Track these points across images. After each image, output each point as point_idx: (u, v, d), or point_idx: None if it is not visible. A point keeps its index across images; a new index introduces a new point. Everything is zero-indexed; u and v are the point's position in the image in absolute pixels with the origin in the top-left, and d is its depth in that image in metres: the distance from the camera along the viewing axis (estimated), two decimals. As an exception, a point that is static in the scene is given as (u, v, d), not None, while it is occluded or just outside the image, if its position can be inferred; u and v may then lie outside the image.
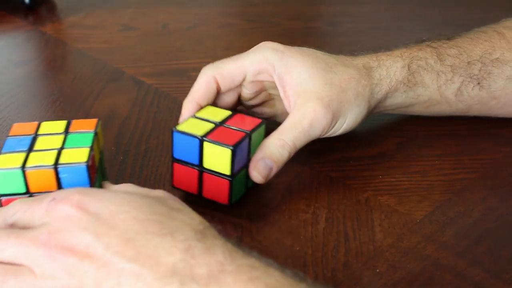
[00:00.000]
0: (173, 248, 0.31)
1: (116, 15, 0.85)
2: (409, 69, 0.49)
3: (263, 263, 0.31)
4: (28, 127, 0.42)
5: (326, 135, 0.47)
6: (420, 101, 0.51)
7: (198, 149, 0.42)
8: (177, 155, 0.43)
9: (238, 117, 0.45)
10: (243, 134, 0.42)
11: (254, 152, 0.44)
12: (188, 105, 0.47)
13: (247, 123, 0.44)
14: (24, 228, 0.34)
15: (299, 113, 0.45)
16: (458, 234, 0.42)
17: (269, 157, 0.43)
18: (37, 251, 0.31)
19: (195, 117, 0.45)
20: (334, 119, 0.46)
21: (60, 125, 0.43)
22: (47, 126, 0.42)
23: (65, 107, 0.60)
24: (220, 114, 0.45)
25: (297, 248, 0.41)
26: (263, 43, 0.48)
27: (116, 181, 0.48)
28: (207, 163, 0.42)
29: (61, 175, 0.39)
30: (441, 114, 0.53)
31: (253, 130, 0.43)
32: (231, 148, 0.41)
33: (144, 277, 0.30)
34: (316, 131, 0.45)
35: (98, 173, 0.42)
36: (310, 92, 0.45)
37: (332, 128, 0.46)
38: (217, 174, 0.42)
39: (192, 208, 0.36)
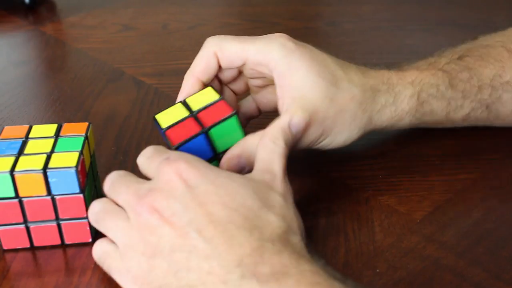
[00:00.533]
0: (246, 243, 0.33)
1: (116, 15, 0.85)
2: (418, 99, 0.46)
3: (327, 271, 0.32)
4: (18, 130, 0.42)
5: (313, 148, 0.46)
6: (423, 125, 0.49)
7: (207, 144, 0.43)
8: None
9: (217, 106, 0.43)
10: (196, 131, 0.42)
11: (222, 142, 0.43)
12: (187, 79, 0.46)
13: (217, 114, 0.43)
14: (144, 172, 0.39)
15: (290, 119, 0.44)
16: (458, 234, 0.42)
17: (246, 156, 0.42)
18: (134, 203, 0.36)
19: (183, 102, 0.45)
20: (323, 135, 0.45)
21: (51, 128, 0.43)
22: (38, 130, 0.42)
23: (65, 107, 0.60)
24: (205, 99, 0.44)
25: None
26: (274, 34, 0.46)
27: (116, 181, 0.48)
28: (221, 147, 0.43)
29: (50, 180, 0.39)
30: (444, 128, 0.52)
31: (213, 125, 0.42)
32: (173, 148, 0.41)
33: (211, 260, 0.32)
34: (303, 144, 0.44)
35: (89, 177, 0.42)
36: (307, 101, 0.43)
37: (319, 143, 0.45)
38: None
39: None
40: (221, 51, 0.46)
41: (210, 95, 0.45)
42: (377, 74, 0.46)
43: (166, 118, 0.44)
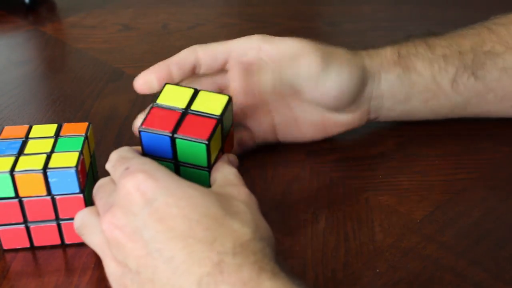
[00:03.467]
0: (206, 260, 0.31)
1: (116, 15, 0.85)
2: (399, 54, 0.49)
3: (289, 285, 0.31)
4: (18, 130, 0.42)
5: (320, 91, 0.46)
6: (416, 92, 0.49)
7: (170, 145, 0.40)
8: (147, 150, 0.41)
9: (207, 121, 0.41)
10: (169, 129, 0.40)
11: (185, 155, 0.41)
12: (158, 67, 0.46)
13: (197, 129, 0.40)
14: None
15: (290, 45, 0.46)
16: (458, 234, 0.42)
17: (180, 66, 0.44)
18: (100, 219, 0.35)
19: (195, 90, 0.42)
20: (325, 65, 0.45)
21: (51, 128, 0.43)
22: (38, 130, 0.42)
23: (65, 107, 0.60)
24: (212, 106, 0.42)
25: (297, 248, 0.41)
26: (254, 34, 0.48)
27: (116, 181, 0.48)
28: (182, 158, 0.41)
29: (50, 180, 0.39)
30: (440, 111, 0.52)
31: (182, 138, 0.40)
32: (139, 129, 0.40)
33: (172, 282, 0.31)
34: (307, 74, 0.45)
35: (89, 177, 0.42)
36: (299, 48, 0.46)
37: (325, 79, 0.46)
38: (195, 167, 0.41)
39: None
40: (204, 49, 0.46)
41: (218, 104, 0.41)
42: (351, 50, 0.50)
43: (169, 94, 0.42)
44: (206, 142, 0.39)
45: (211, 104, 0.42)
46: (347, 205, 0.45)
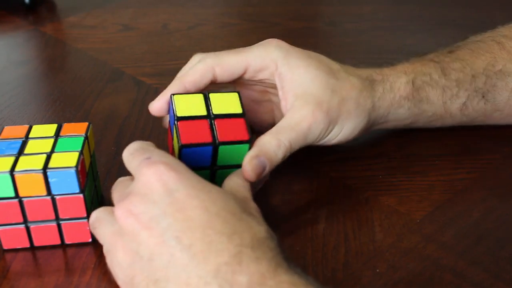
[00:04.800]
0: (224, 250, 0.32)
1: (116, 15, 0.85)
2: (413, 85, 0.48)
3: (304, 280, 0.31)
4: (18, 130, 0.42)
5: (321, 142, 0.46)
6: (423, 117, 0.49)
7: (211, 154, 0.42)
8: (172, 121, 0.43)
9: (237, 122, 0.42)
10: (208, 140, 0.41)
11: (225, 158, 0.42)
12: (175, 85, 0.45)
13: (234, 132, 0.42)
14: (127, 168, 0.38)
15: (298, 115, 0.44)
16: (458, 234, 0.42)
17: (264, 155, 0.42)
18: (116, 207, 0.35)
19: (205, 95, 0.43)
20: (330, 126, 0.45)
21: (51, 128, 0.43)
22: (38, 130, 0.42)
23: (65, 107, 0.60)
24: (229, 106, 0.43)
25: (297, 248, 0.41)
26: (268, 40, 0.47)
27: (116, 181, 0.48)
28: (222, 161, 0.42)
29: (50, 180, 0.39)
30: (441, 126, 0.52)
31: (226, 143, 0.41)
32: (180, 145, 0.40)
33: (189, 270, 0.32)
34: (313, 136, 0.44)
35: (89, 177, 0.42)
36: (310, 95, 0.44)
37: (327, 135, 0.45)
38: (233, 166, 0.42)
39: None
40: (221, 65, 0.45)
41: (234, 103, 0.43)
42: (368, 69, 0.48)
43: (183, 105, 0.42)
44: (249, 141, 0.41)
45: (227, 104, 0.43)
46: (347, 205, 0.45)
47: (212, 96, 0.43)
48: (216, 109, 0.42)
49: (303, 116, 0.44)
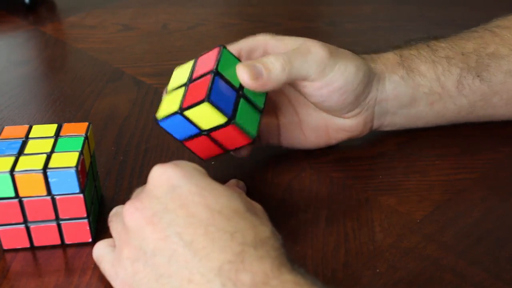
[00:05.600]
0: (227, 248, 0.32)
1: (116, 15, 0.85)
2: (401, 57, 0.49)
3: (308, 280, 0.31)
4: (18, 130, 0.42)
5: (325, 80, 0.44)
6: (421, 94, 0.49)
7: (187, 122, 0.41)
8: (179, 136, 0.43)
9: (200, 61, 0.44)
10: (209, 77, 0.41)
11: (234, 76, 0.42)
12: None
13: (209, 61, 0.43)
14: None
15: (299, 41, 0.45)
16: (458, 234, 0.42)
17: (262, 64, 0.42)
18: (126, 204, 0.36)
19: (167, 93, 0.44)
20: (332, 58, 0.44)
21: (51, 128, 0.43)
22: (38, 130, 0.43)
23: (65, 107, 0.60)
24: (185, 71, 0.44)
25: (297, 248, 0.41)
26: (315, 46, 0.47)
27: (116, 181, 0.48)
28: (204, 125, 0.42)
29: (50, 180, 0.39)
30: (446, 115, 0.51)
31: (217, 64, 0.42)
32: (207, 100, 0.40)
33: (191, 266, 0.31)
34: (316, 60, 0.44)
35: (89, 177, 0.42)
36: (306, 42, 0.45)
37: (331, 70, 0.44)
38: (220, 127, 0.42)
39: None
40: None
41: (182, 70, 0.45)
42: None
43: (168, 109, 0.43)
44: (207, 100, 0.40)
45: (207, 63, 0.43)
46: (347, 205, 0.45)
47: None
48: (185, 78, 0.44)
49: (303, 41, 0.45)
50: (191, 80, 0.43)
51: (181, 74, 0.45)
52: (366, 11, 0.86)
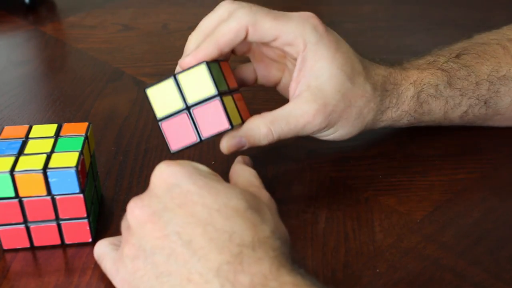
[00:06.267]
0: (225, 249, 0.31)
1: (116, 15, 0.85)
2: (418, 100, 0.47)
3: (307, 281, 0.31)
4: (19, 130, 0.42)
5: (310, 135, 0.47)
6: (421, 123, 0.50)
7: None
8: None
9: (212, 107, 0.43)
10: (194, 139, 0.43)
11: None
12: (209, 45, 0.43)
13: (214, 123, 0.43)
14: None
15: (300, 110, 0.44)
16: (458, 234, 0.42)
17: (247, 139, 0.44)
18: (131, 202, 0.35)
19: (174, 78, 0.43)
20: (326, 128, 0.45)
21: (51, 128, 0.43)
22: (38, 130, 0.43)
23: (65, 107, 0.60)
24: (200, 88, 0.43)
25: (297, 248, 0.41)
26: (308, 15, 0.46)
27: (116, 181, 0.48)
28: (191, 96, 0.42)
29: (50, 180, 0.39)
30: (442, 127, 0.52)
31: (211, 137, 0.43)
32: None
33: (190, 265, 0.31)
34: (305, 132, 0.45)
35: (89, 177, 0.42)
36: (320, 91, 0.44)
37: (318, 134, 0.46)
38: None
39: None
40: (254, 26, 0.44)
41: (204, 81, 0.42)
42: (385, 72, 0.47)
43: (160, 101, 0.43)
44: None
45: (199, 83, 0.43)
46: (347, 205, 0.45)
47: (181, 76, 0.43)
48: (189, 97, 0.43)
49: (304, 112, 0.44)
50: (189, 108, 0.43)
51: (193, 84, 0.43)
52: (366, 11, 0.86)
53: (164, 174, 0.35)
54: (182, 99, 0.43)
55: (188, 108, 0.43)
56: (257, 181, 0.40)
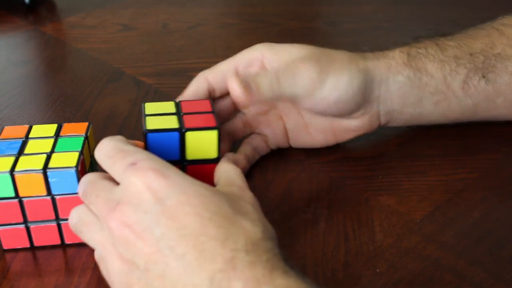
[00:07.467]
0: (218, 256, 0.31)
1: (116, 15, 0.85)
2: (409, 55, 0.48)
3: (301, 283, 0.31)
4: (18, 130, 0.42)
5: (318, 98, 0.45)
6: (427, 93, 0.49)
7: (177, 145, 0.41)
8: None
9: (205, 116, 0.43)
10: (174, 126, 0.41)
11: (193, 151, 0.42)
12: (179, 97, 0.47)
13: (201, 121, 0.42)
14: (107, 171, 0.37)
15: (291, 56, 0.45)
16: (458, 234, 0.42)
17: (250, 79, 0.43)
18: (105, 216, 0.34)
19: (176, 102, 0.44)
20: (323, 74, 0.45)
21: (51, 128, 0.43)
22: (38, 130, 0.43)
23: (65, 107, 0.60)
24: (166, 106, 0.44)
25: (297, 248, 0.41)
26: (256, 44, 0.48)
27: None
28: (192, 154, 0.42)
29: (50, 180, 0.39)
30: (451, 115, 0.51)
31: (192, 129, 0.42)
32: (144, 130, 0.41)
33: (184, 278, 0.31)
34: (304, 79, 0.44)
35: None
36: (299, 58, 0.45)
37: (322, 86, 0.45)
38: (205, 162, 0.42)
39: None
40: (212, 72, 0.47)
41: (158, 105, 0.44)
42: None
43: (153, 108, 0.44)
44: (218, 127, 0.41)
45: (198, 107, 0.44)
46: (347, 205, 0.45)
47: (183, 103, 0.44)
48: (171, 110, 0.43)
49: (292, 60, 0.45)
50: (181, 113, 0.43)
51: (159, 107, 0.44)
52: (366, 11, 0.86)
53: (147, 187, 0.33)
54: (177, 110, 0.43)
55: (178, 114, 0.43)
56: (240, 180, 0.39)
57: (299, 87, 0.44)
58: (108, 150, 0.37)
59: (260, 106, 0.50)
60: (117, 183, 0.36)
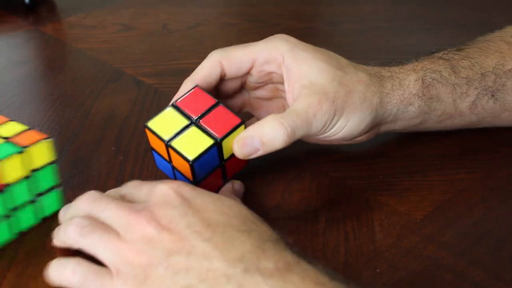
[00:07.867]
0: (247, 241, 0.33)
1: (116, 15, 0.85)
2: (423, 83, 0.47)
3: (329, 272, 0.32)
4: None
5: (325, 135, 0.45)
6: (433, 116, 0.48)
7: (215, 154, 0.42)
8: (200, 176, 0.43)
9: (218, 112, 0.43)
10: (210, 142, 0.41)
11: (227, 150, 0.43)
12: (187, 85, 0.46)
13: (223, 122, 0.42)
14: (130, 201, 0.37)
15: (304, 102, 0.43)
16: (458, 234, 0.42)
17: (260, 137, 0.41)
18: (130, 217, 0.35)
19: (173, 106, 0.43)
20: (336, 116, 0.44)
21: (15, 128, 0.42)
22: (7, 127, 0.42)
23: (65, 107, 0.60)
24: (200, 103, 0.43)
25: (297, 248, 0.41)
26: (275, 35, 0.47)
27: (116, 181, 0.48)
28: (228, 152, 0.43)
29: None
30: (451, 128, 0.51)
31: (225, 136, 0.42)
32: (190, 161, 0.41)
33: (212, 257, 0.32)
34: (318, 125, 0.43)
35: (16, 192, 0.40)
36: (316, 85, 0.44)
37: (332, 127, 0.44)
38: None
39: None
40: (228, 58, 0.46)
41: (202, 98, 0.43)
42: (376, 67, 0.48)
43: (163, 127, 0.42)
44: (242, 121, 0.43)
45: (221, 123, 0.43)
46: (347, 205, 0.45)
47: (180, 102, 0.44)
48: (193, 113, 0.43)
49: (309, 103, 0.43)
50: (198, 120, 0.43)
51: (168, 123, 0.43)
52: (366, 11, 0.86)
53: (173, 190, 0.36)
54: (186, 117, 0.43)
55: (194, 122, 0.43)
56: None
57: (312, 131, 0.44)
58: (135, 183, 0.40)
59: (265, 93, 0.50)
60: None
